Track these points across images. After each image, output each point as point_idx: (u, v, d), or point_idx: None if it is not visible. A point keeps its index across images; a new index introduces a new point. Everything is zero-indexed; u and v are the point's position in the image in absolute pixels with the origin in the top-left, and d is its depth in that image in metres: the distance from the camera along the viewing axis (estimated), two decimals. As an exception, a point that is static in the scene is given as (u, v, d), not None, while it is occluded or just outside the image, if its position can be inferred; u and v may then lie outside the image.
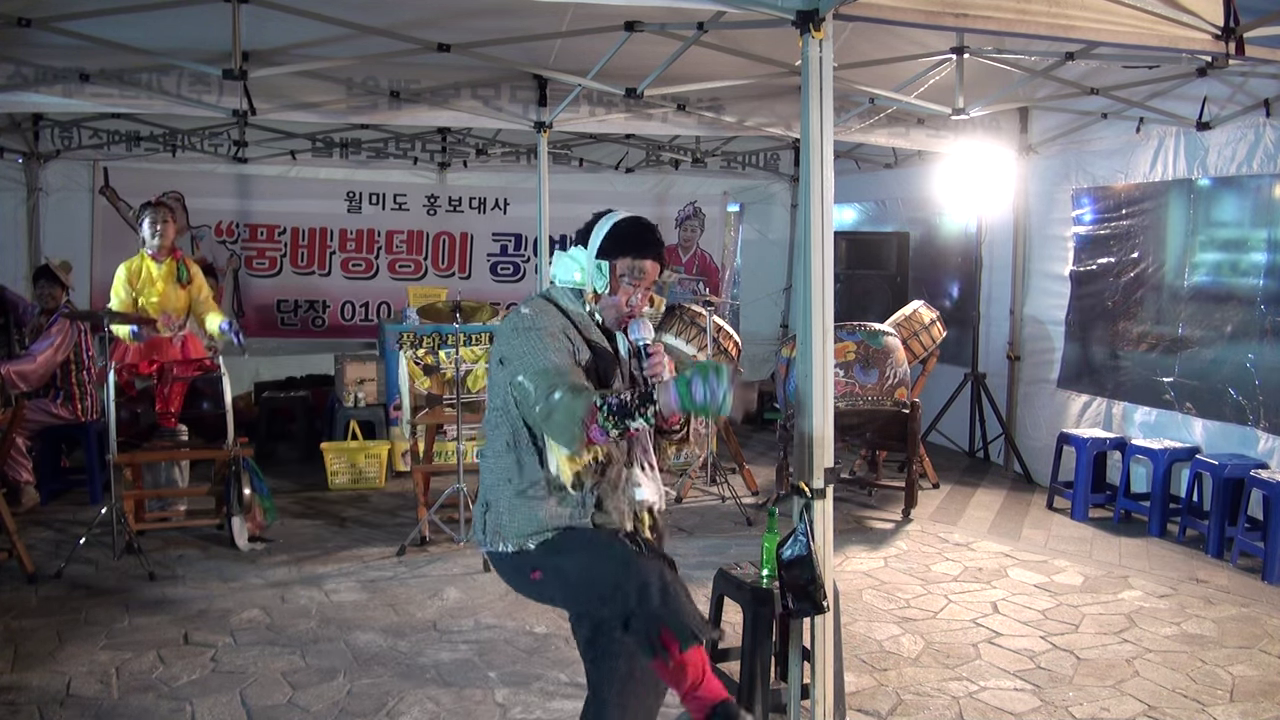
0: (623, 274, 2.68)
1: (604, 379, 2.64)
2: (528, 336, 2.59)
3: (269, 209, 9.20)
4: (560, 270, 2.75)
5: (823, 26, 3.08)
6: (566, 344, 2.60)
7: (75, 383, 6.59)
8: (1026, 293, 7.67)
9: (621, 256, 2.68)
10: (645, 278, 2.69)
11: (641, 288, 2.69)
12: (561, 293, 2.76)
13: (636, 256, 2.68)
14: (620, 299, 2.69)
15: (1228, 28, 3.63)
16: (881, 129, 7.09)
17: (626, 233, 2.71)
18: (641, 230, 2.72)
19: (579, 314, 2.72)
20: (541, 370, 2.50)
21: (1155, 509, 6.14)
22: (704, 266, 10.24)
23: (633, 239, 2.70)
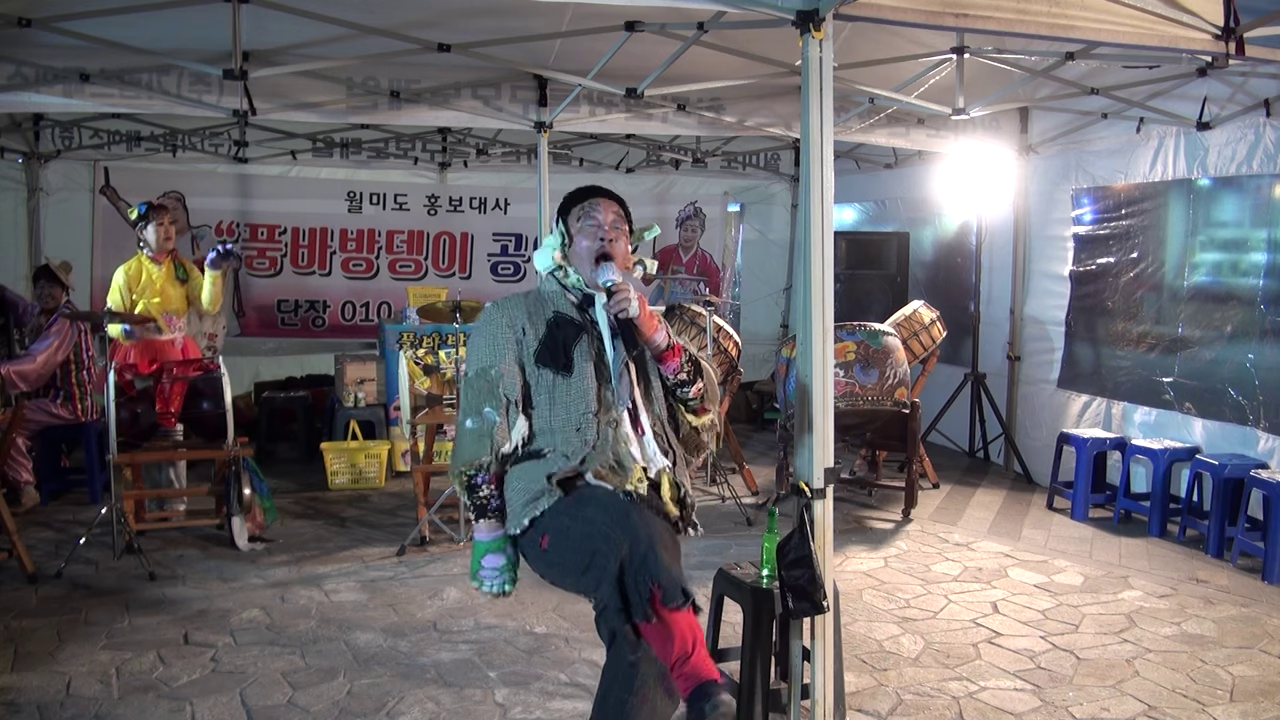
0: (577, 219, 2.78)
1: (564, 346, 2.68)
2: (477, 330, 2.77)
3: (269, 209, 9.20)
4: (541, 260, 2.84)
5: (823, 26, 3.08)
6: (507, 336, 2.69)
7: (75, 383, 6.59)
8: (1026, 293, 7.66)
9: (572, 208, 2.81)
10: (600, 216, 2.77)
11: (602, 228, 2.75)
12: (546, 280, 2.84)
13: (582, 200, 2.80)
14: (587, 242, 2.74)
15: (1228, 28, 3.63)
16: (881, 129, 7.09)
17: (571, 193, 2.87)
18: (585, 186, 2.87)
19: (549, 292, 2.80)
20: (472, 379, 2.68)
21: (1155, 509, 6.14)
22: (704, 266, 10.24)
23: (576, 192, 2.85)
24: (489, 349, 2.69)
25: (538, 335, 2.69)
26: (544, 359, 2.67)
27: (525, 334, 2.69)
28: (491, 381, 2.63)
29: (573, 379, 2.66)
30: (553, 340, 2.67)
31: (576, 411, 2.66)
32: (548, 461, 2.64)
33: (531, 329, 2.70)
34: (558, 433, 2.66)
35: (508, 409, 2.65)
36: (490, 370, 2.65)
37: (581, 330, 2.71)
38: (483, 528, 2.65)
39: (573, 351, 2.68)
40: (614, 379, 2.72)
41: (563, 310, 2.75)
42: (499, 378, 2.64)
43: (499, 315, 2.73)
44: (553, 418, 2.67)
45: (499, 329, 2.70)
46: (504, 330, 2.70)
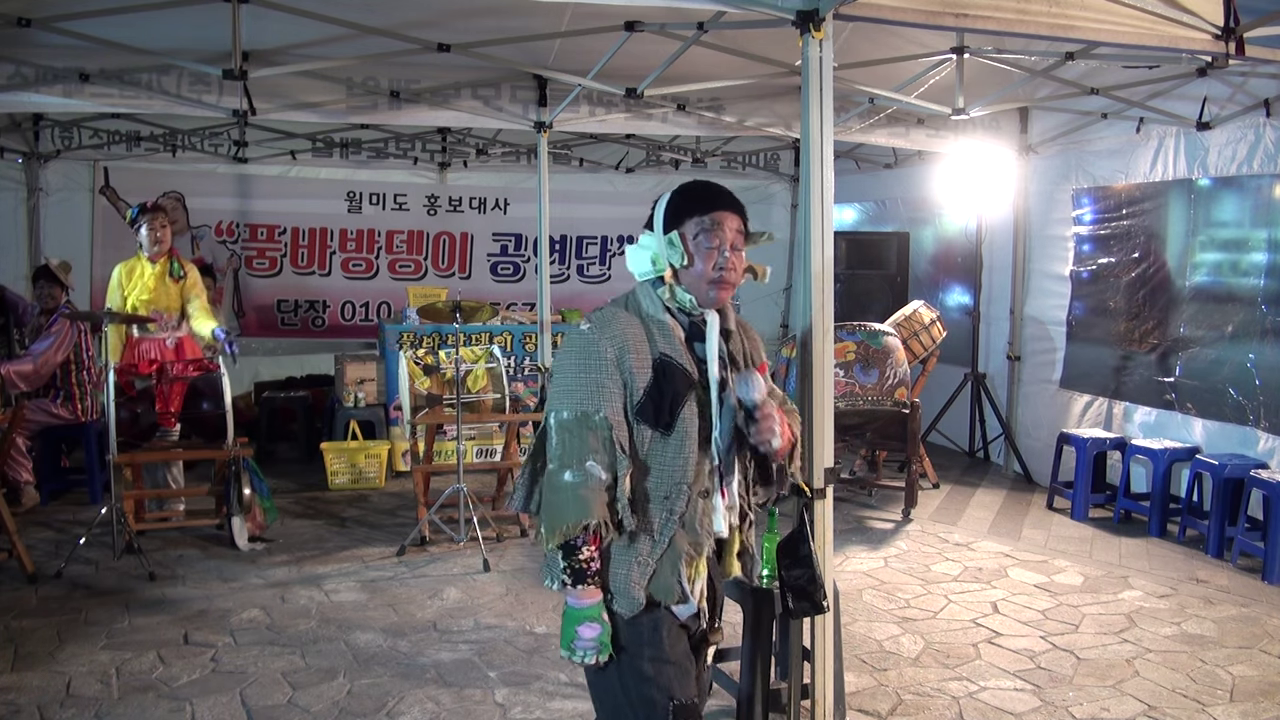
0: (696, 235, 2.28)
1: (671, 402, 2.23)
2: (573, 363, 2.24)
3: (269, 209, 9.20)
4: (635, 263, 2.35)
5: (823, 26, 3.08)
6: (612, 374, 2.21)
7: (75, 383, 6.59)
8: (1026, 293, 7.66)
9: (688, 219, 2.30)
10: (723, 232, 2.28)
11: (724, 246, 2.28)
12: (643, 291, 2.34)
13: (703, 212, 2.29)
14: (704, 266, 2.27)
15: (1228, 28, 3.64)
16: (881, 129, 7.09)
17: (687, 193, 2.35)
18: (704, 186, 2.35)
19: (656, 320, 2.29)
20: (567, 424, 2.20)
21: (1155, 509, 6.14)
22: (704, 266, 10.23)
23: (694, 196, 2.33)
24: (590, 388, 2.20)
25: (644, 381, 2.22)
26: (645, 415, 2.23)
27: (632, 372, 2.22)
28: (596, 430, 2.18)
29: (671, 440, 2.24)
30: (659, 393, 2.22)
31: (670, 480, 2.24)
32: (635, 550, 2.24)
33: (637, 367, 2.22)
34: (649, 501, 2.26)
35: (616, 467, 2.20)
36: (594, 417, 2.18)
37: (692, 387, 2.25)
38: (579, 593, 2.21)
39: (679, 413, 2.24)
40: (718, 449, 2.30)
41: (671, 352, 2.25)
42: (605, 427, 2.19)
43: (602, 344, 2.22)
44: (644, 481, 2.25)
45: (602, 363, 2.21)
46: (608, 366, 2.21)
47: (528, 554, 5.71)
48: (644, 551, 2.24)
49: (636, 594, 2.23)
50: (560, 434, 2.21)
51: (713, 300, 2.30)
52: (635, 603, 2.23)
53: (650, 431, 2.24)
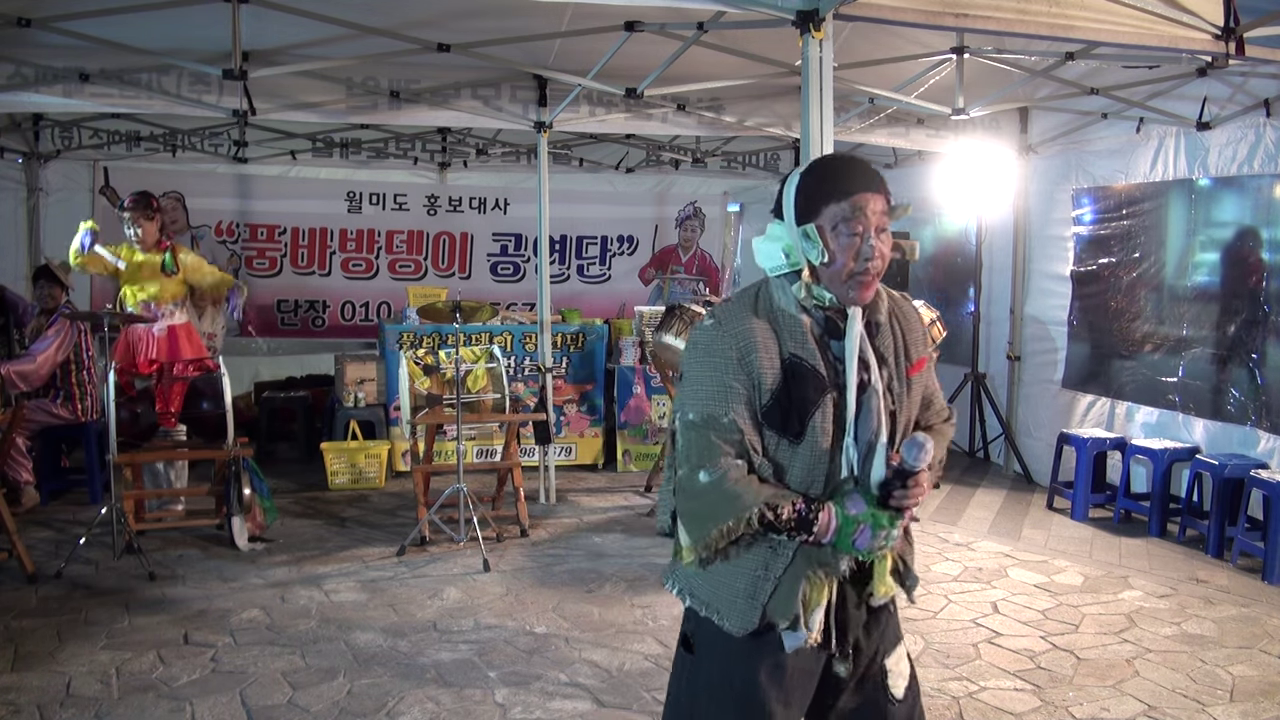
0: (835, 226, 1.97)
1: (800, 408, 1.97)
2: (701, 366, 2.01)
3: (269, 209, 9.20)
4: (765, 258, 2.08)
5: (823, 26, 3.09)
6: (739, 374, 1.97)
7: (75, 383, 6.59)
8: (1027, 293, 7.66)
9: (824, 207, 1.98)
10: (866, 218, 1.97)
11: (869, 234, 1.97)
12: (776, 284, 2.06)
13: (842, 198, 1.96)
14: (845, 262, 1.97)
15: (1228, 28, 3.64)
16: (881, 129, 7.09)
17: (820, 175, 2.02)
18: (839, 165, 2.02)
19: (787, 315, 2.02)
20: (696, 426, 1.99)
21: (1155, 509, 6.14)
22: (704, 266, 10.24)
23: (829, 178, 2.00)
24: (717, 391, 1.98)
25: (772, 381, 1.97)
26: (773, 420, 1.98)
27: (759, 373, 1.97)
28: (725, 433, 1.97)
29: (801, 449, 1.99)
30: (788, 398, 1.97)
31: (799, 489, 2.01)
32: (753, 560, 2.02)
33: (765, 367, 1.97)
34: None
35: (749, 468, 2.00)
36: (722, 420, 1.97)
37: (825, 392, 1.98)
38: (820, 533, 1.95)
39: (810, 420, 1.98)
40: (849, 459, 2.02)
41: (801, 350, 1.99)
42: (734, 430, 1.97)
43: (728, 342, 1.98)
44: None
45: (727, 363, 1.97)
46: (734, 366, 1.97)
47: (528, 554, 5.72)
48: (764, 564, 2.01)
49: (751, 612, 2.00)
50: (688, 435, 2.00)
51: (855, 297, 2.00)
52: (749, 621, 2.00)
53: (778, 438, 1.99)
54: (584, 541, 5.98)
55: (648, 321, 7.83)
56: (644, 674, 4.08)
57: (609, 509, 6.77)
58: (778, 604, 1.99)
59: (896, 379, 2.07)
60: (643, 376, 7.84)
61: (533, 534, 6.08)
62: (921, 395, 2.21)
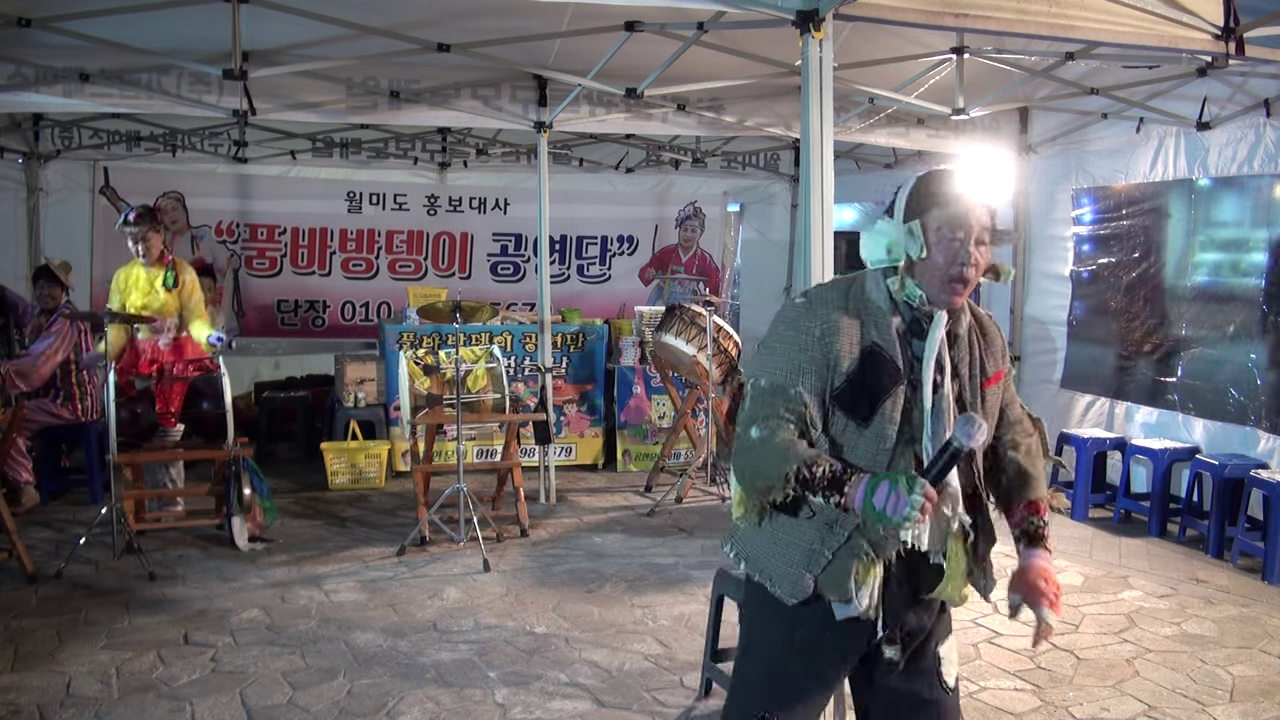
0: (940, 227, 2.09)
1: (872, 394, 2.08)
2: (781, 337, 2.14)
3: (269, 209, 9.19)
4: (869, 249, 2.19)
5: (823, 26, 3.09)
6: (815, 355, 2.08)
7: (75, 383, 6.59)
8: (1027, 293, 7.66)
9: (932, 208, 2.11)
10: (968, 225, 2.08)
11: (968, 240, 2.08)
12: (872, 277, 2.18)
13: (949, 204, 2.10)
14: (942, 260, 2.09)
15: (1228, 28, 3.64)
16: (881, 129, 7.09)
17: (933, 182, 2.15)
18: (952, 176, 2.15)
19: (875, 307, 2.13)
20: (760, 389, 2.11)
21: (1155, 509, 6.14)
22: (704, 266, 10.23)
23: (941, 187, 2.13)
24: (792, 363, 2.09)
25: (849, 364, 2.08)
26: (843, 401, 2.08)
27: (837, 354, 2.08)
28: (790, 401, 2.08)
29: (867, 433, 2.09)
30: (861, 382, 2.08)
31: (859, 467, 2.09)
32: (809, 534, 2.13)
33: (844, 350, 2.08)
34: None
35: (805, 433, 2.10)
36: (789, 390, 2.08)
37: (898, 383, 2.09)
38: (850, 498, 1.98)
39: (880, 406, 2.08)
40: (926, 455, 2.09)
41: (883, 340, 2.10)
42: (798, 401, 2.08)
43: (813, 322, 2.11)
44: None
45: (809, 339, 2.09)
46: (814, 344, 2.09)
47: (528, 554, 5.71)
48: (820, 539, 2.10)
49: (805, 581, 2.10)
50: (754, 397, 2.13)
51: (945, 299, 2.11)
52: (801, 590, 2.11)
53: (846, 420, 2.09)
54: (584, 541, 5.98)
55: (648, 321, 7.83)
56: (644, 674, 4.08)
57: (609, 509, 6.77)
58: (829, 577, 2.09)
59: (969, 390, 2.16)
60: (643, 376, 7.84)
61: (533, 534, 6.08)
62: (999, 407, 2.29)
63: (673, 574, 5.37)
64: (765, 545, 2.18)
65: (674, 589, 5.11)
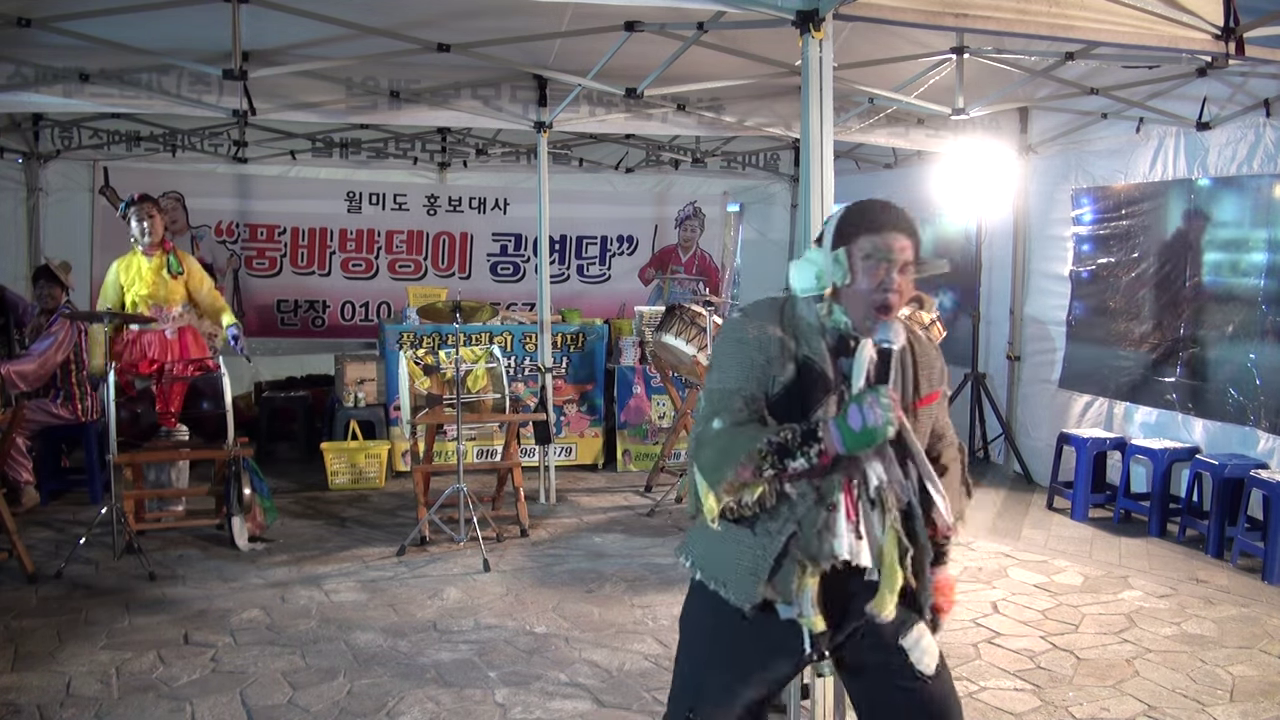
0: (867, 255, 2.17)
1: (805, 403, 2.17)
2: (724, 345, 2.26)
3: (269, 209, 9.20)
4: (799, 278, 2.28)
5: (823, 26, 3.09)
6: (758, 359, 2.19)
7: (75, 383, 6.59)
8: (1026, 293, 7.66)
9: (857, 237, 2.19)
10: (892, 256, 2.16)
11: (892, 270, 2.16)
12: (802, 302, 2.28)
13: (874, 232, 2.18)
14: (866, 286, 2.17)
15: (1228, 28, 3.64)
16: (881, 129, 7.09)
17: (860, 211, 2.24)
18: (878, 206, 2.24)
19: (806, 321, 2.23)
20: (716, 391, 2.21)
21: (1155, 509, 6.14)
22: (704, 266, 10.24)
23: (868, 215, 2.22)
24: (738, 369, 2.20)
25: (784, 375, 2.18)
26: (779, 409, 2.18)
27: (774, 363, 2.19)
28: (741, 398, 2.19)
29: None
30: (796, 391, 2.19)
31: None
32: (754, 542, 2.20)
33: (779, 361, 2.19)
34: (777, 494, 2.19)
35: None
36: (742, 390, 2.19)
37: (828, 393, 2.19)
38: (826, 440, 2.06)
39: (812, 415, 2.16)
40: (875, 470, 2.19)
41: (814, 355, 2.20)
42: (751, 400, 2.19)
43: (750, 332, 2.21)
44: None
45: (748, 349, 2.20)
46: (754, 351, 2.19)
47: (528, 554, 5.72)
48: (762, 547, 2.18)
49: (753, 586, 2.18)
50: (709, 399, 2.22)
51: (870, 326, 2.17)
52: (752, 594, 2.18)
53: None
54: (584, 541, 5.98)
55: (648, 321, 7.83)
56: (644, 674, 4.08)
57: (609, 509, 6.77)
58: (777, 581, 2.17)
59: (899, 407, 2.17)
60: (643, 376, 7.84)
61: (533, 534, 6.08)
62: (931, 428, 2.36)
63: (673, 574, 5.37)
64: (718, 553, 2.26)
65: (674, 589, 5.11)
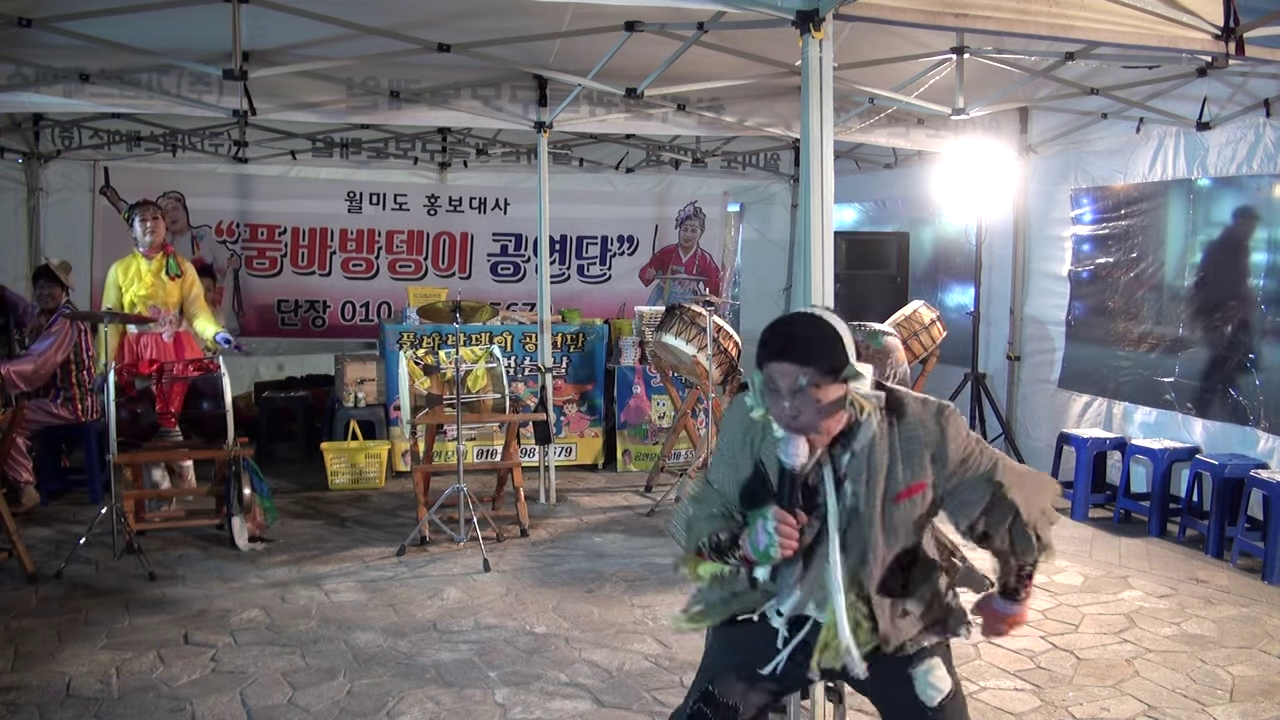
0: (764, 382, 2.18)
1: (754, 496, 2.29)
2: (723, 422, 2.42)
3: (269, 209, 9.19)
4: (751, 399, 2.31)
5: (823, 26, 3.09)
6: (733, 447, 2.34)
7: (75, 383, 6.59)
8: (1026, 293, 7.66)
9: (761, 364, 2.19)
10: (781, 386, 2.13)
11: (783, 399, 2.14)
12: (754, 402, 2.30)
13: (765, 361, 2.17)
14: (775, 411, 2.18)
15: (1228, 28, 3.64)
16: (881, 129, 7.09)
17: (765, 335, 2.21)
18: (778, 333, 2.20)
19: (760, 425, 2.28)
20: (703, 477, 2.47)
21: (1155, 509, 6.14)
22: (704, 266, 10.23)
23: (766, 340, 2.19)
24: (719, 458, 2.39)
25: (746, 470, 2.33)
26: (745, 499, 2.32)
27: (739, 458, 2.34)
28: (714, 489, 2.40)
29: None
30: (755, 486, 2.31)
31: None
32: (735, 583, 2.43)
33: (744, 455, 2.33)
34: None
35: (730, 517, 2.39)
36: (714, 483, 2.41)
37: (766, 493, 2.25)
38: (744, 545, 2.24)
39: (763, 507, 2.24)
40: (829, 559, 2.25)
41: (765, 459, 2.28)
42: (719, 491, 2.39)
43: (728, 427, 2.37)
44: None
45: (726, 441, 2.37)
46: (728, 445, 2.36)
47: (528, 554, 5.72)
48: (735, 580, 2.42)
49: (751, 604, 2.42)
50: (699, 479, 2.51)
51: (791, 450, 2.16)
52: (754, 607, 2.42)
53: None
54: (584, 541, 5.98)
55: (648, 321, 7.83)
56: (644, 674, 4.08)
57: (609, 509, 6.77)
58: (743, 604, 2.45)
59: (864, 502, 2.21)
60: (643, 376, 7.84)
61: (533, 534, 6.08)
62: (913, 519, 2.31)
63: (672, 574, 5.33)
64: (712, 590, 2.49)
65: (674, 589, 5.11)
